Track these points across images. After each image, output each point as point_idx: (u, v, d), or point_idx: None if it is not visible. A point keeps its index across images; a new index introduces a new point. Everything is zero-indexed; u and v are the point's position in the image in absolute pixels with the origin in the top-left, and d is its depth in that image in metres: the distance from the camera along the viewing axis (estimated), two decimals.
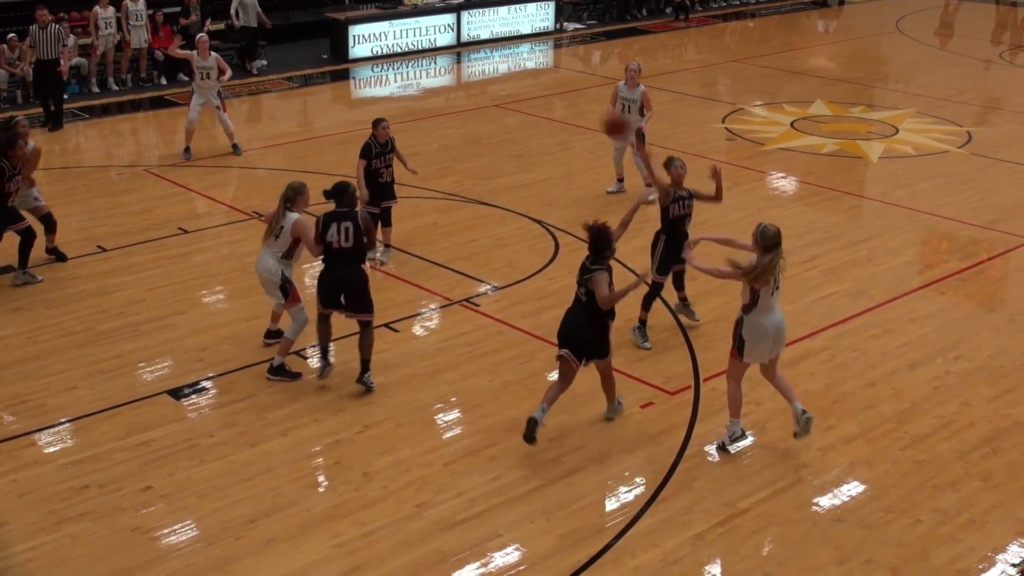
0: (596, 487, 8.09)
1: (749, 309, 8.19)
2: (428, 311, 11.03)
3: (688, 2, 27.97)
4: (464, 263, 12.06)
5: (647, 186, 14.10)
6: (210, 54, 15.61)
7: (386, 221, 12.08)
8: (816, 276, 11.78)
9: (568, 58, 23.96)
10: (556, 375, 8.70)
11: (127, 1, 19.50)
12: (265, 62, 21.92)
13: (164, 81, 20.60)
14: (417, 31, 23.51)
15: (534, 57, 24.35)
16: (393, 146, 11.97)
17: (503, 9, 24.80)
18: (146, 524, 7.62)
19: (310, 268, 11.34)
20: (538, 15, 25.54)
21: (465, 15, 24.18)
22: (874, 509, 7.85)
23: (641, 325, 10.21)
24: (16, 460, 8.37)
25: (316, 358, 9.67)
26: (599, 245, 8.35)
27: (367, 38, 22.80)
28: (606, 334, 8.48)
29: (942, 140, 16.97)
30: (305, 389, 9.43)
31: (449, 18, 23.99)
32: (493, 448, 8.54)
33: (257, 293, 10.80)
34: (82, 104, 18.91)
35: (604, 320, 8.43)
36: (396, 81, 21.85)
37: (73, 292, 11.34)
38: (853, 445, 8.64)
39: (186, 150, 15.90)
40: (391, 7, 23.47)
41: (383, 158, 11.86)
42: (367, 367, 9.30)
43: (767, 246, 8.01)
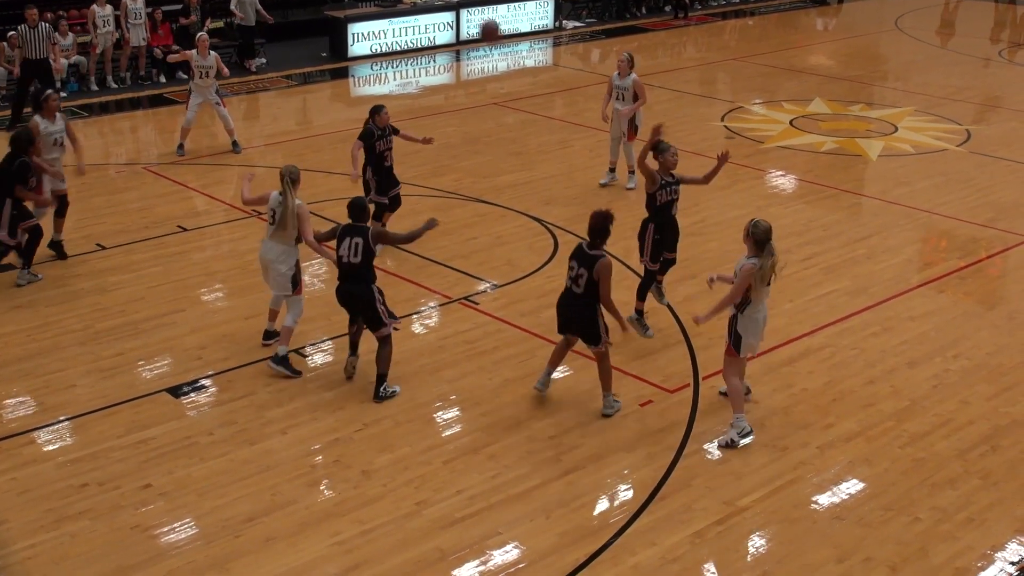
0: (595, 485, 8.09)
1: (744, 306, 8.41)
2: (427, 309, 11.03)
3: (687, 0, 27.97)
4: (463, 261, 12.06)
5: (630, 173, 14.23)
6: (209, 53, 15.61)
7: (397, 205, 12.33)
8: (815, 274, 11.79)
9: (567, 56, 23.96)
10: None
11: None
12: (264, 60, 21.91)
13: (163, 79, 20.59)
14: (416, 29, 23.50)
15: (533, 55, 24.34)
16: (394, 130, 12.18)
17: (502, 7, 24.78)
18: (145, 522, 7.62)
19: (309, 266, 11.36)
20: (537, 13, 25.53)
21: (464, 13, 24.17)
22: (873, 507, 7.85)
23: (639, 315, 10.21)
24: (15, 458, 8.38)
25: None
26: (602, 232, 8.57)
27: (366, 36, 22.80)
28: (600, 319, 8.72)
29: (941, 138, 16.97)
30: (304, 387, 9.44)
31: (448, 16, 23.99)
32: (492, 446, 8.55)
33: (256, 291, 10.82)
34: (81, 102, 18.90)
35: (597, 304, 8.70)
36: (395, 79, 21.84)
37: (73, 290, 11.34)
38: (852, 443, 8.64)
39: (179, 147, 15.94)
40: (390, 5, 23.46)
41: (385, 140, 12.06)
42: (382, 380, 9.19)
43: (758, 241, 8.25)
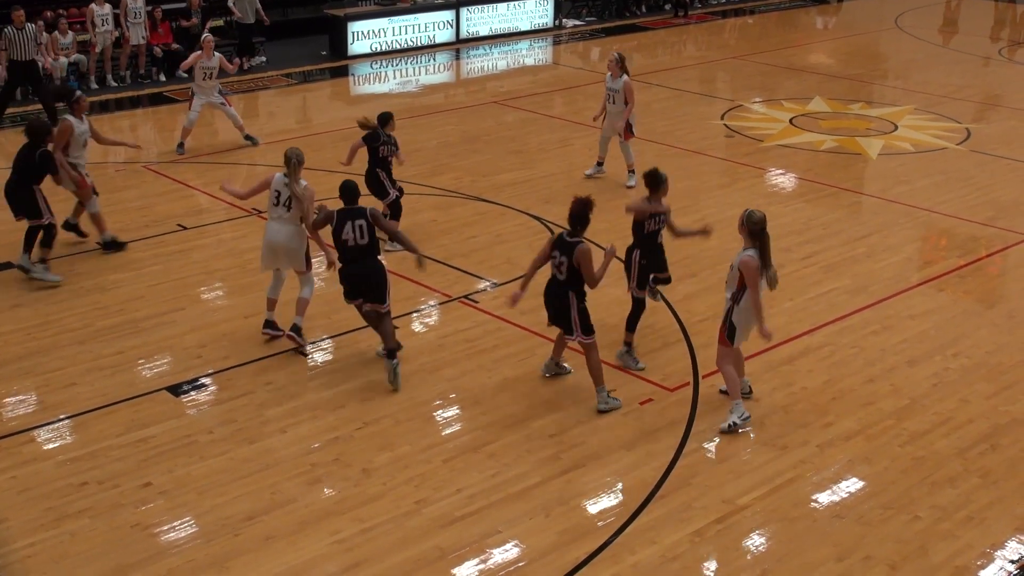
0: (595, 484, 8.09)
1: (739, 297, 8.47)
2: (427, 308, 11.03)
3: None
4: (463, 260, 12.06)
5: (631, 172, 14.23)
6: (214, 54, 15.66)
7: (399, 213, 12.34)
8: (815, 272, 11.79)
9: (567, 55, 23.95)
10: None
11: None
12: (264, 59, 21.91)
13: (163, 78, 20.60)
14: (416, 28, 23.50)
15: (533, 54, 24.34)
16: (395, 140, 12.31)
17: (502, 6, 24.79)
18: (145, 520, 7.62)
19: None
20: (537, 12, 25.53)
21: (464, 12, 24.17)
22: (873, 506, 7.85)
23: (628, 348, 9.77)
24: (15, 457, 8.38)
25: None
26: (581, 218, 8.78)
27: (366, 35, 22.79)
28: (576, 312, 8.78)
29: (941, 137, 16.96)
30: (304, 386, 9.44)
31: (448, 15, 23.98)
32: (492, 445, 8.55)
33: (256, 290, 10.82)
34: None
35: (582, 294, 8.78)
36: (395, 78, 21.84)
37: (72, 288, 11.34)
38: (852, 442, 8.64)
39: (179, 146, 15.97)
40: (390, 3, 23.46)
41: (388, 147, 12.15)
42: (392, 354, 9.36)
43: (753, 230, 8.33)
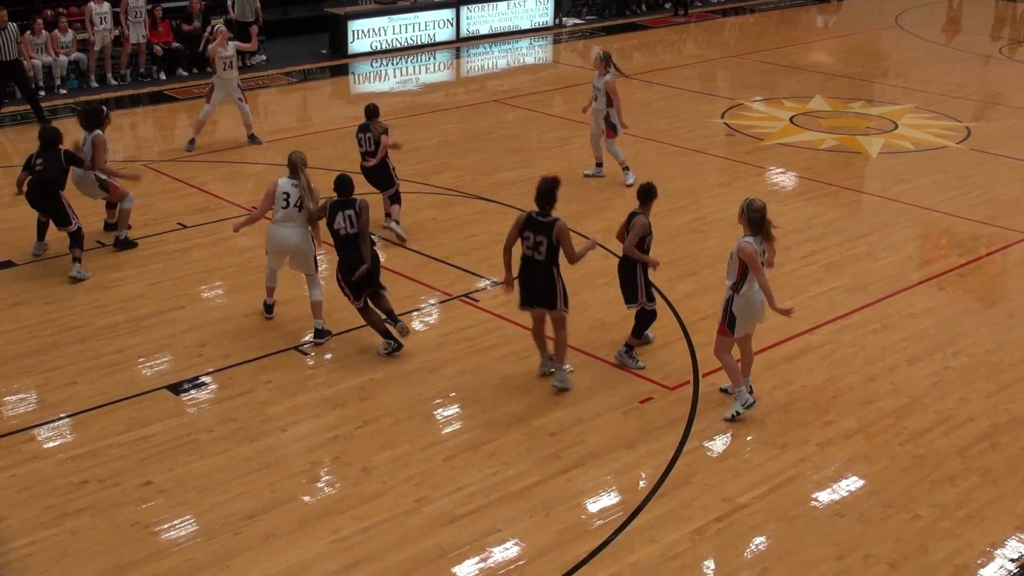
0: (595, 482, 8.09)
1: (739, 287, 8.51)
2: (427, 306, 11.04)
3: None
4: (463, 258, 12.06)
5: (625, 170, 14.37)
6: (228, 43, 15.78)
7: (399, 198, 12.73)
8: (815, 271, 11.79)
9: (567, 53, 23.94)
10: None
11: None
12: (264, 57, 21.90)
13: (163, 76, 20.59)
14: (416, 26, 23.48)
15: (533, 52, 24.33)
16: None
17: (502, 4, 24.78)
18: (145, 519, 7.62)
19: None
20: (537, 10, 25.51)
21: (464, 10, 24.16)
22: (873, 504, 7.86)
23: (629, 349, 9.75)
24: (16, 455, 8.38)
25: (383, 345, 9.97)
26: (550, 197, 9.04)
27: (366, 33, 22.79)
28: (559, 285, 9.13)
29: (941, 135, 16.95)
30: (304, 385, 9.45)
31: (448, 13, 23.98)
32: (492, 443, 8.55)
33: (257, 288, 10.83)
34: (81, 99, 18.86)
35: (556, 270, 9.11)
36: (395, 76, 21.84)
37: (72, 287, 11.34)
38: (852, 440, 8.64)
39: (191, 142, 16.03)
40: (390, 2, 23.45)
41: (364, 137, 12.50)
42: (395, 317, 9.90)
43: (753, 218, 8.40)
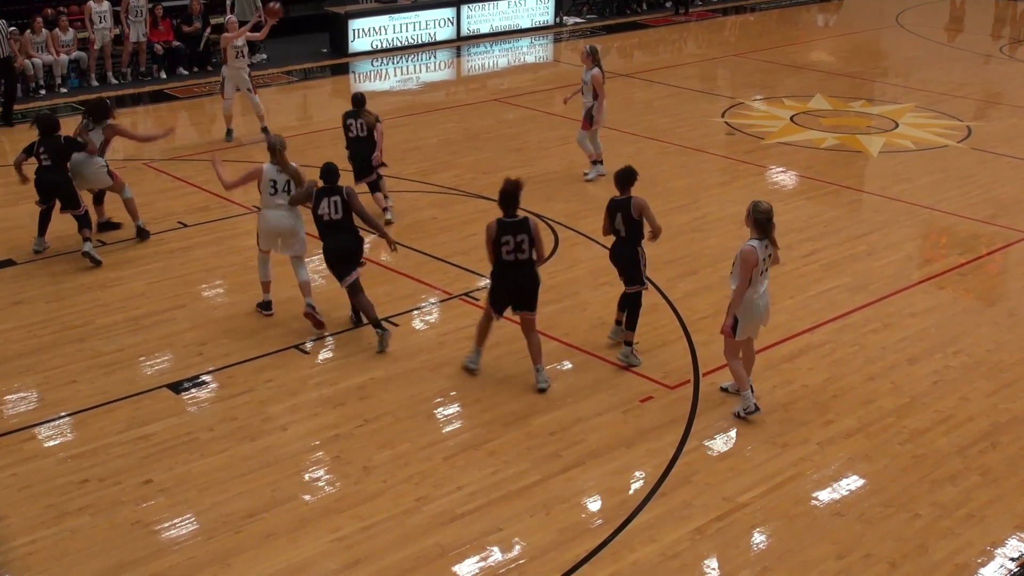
0: (595, 481, 8.10)
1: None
2: (427, 305, 11.04)
3: None
4: (463, 257, 12.05)
5: (593, 163, 14.48)
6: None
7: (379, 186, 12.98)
8: (816, 270, 11.78)
9: (568, 52, 23.92)
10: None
11: None
12: (265, 56, 21.90)
13: (164, 75, 20.60)
14: (417, 25, 23.49)
15: (534, 51, 24.33)
16: None
17: (503, 3, 24.79)
18: (146, 518, 7.63)
19: (310, 262, 11.33)
20: (538, 9, 25.52)
21: (465, 9, 24.16)
22: (873, 503, 7.86)
23: (631, 346, 9.70)
24: (16, 454, 8.39)
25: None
26: (517, 199, 8.98)
27: (367, 32, 22.79)
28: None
29: (942, 135, 16.95)
30: (305, 384, 9.45)
31: (449, 12, 23.98)
32: (493, 442, 8.55)
33: (257, 287, 10.83)
34: (81, 98, 18.85)
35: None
36: (396, 75, 21.84)
37: (73, 286, 11.35)
38: (852, 440, 8.64)
39: (228, 132, 16.46)
40: (391, 1, 23.45)
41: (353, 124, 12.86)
42: (378, 323, 9.98)
43: (759, 220, 8.42)
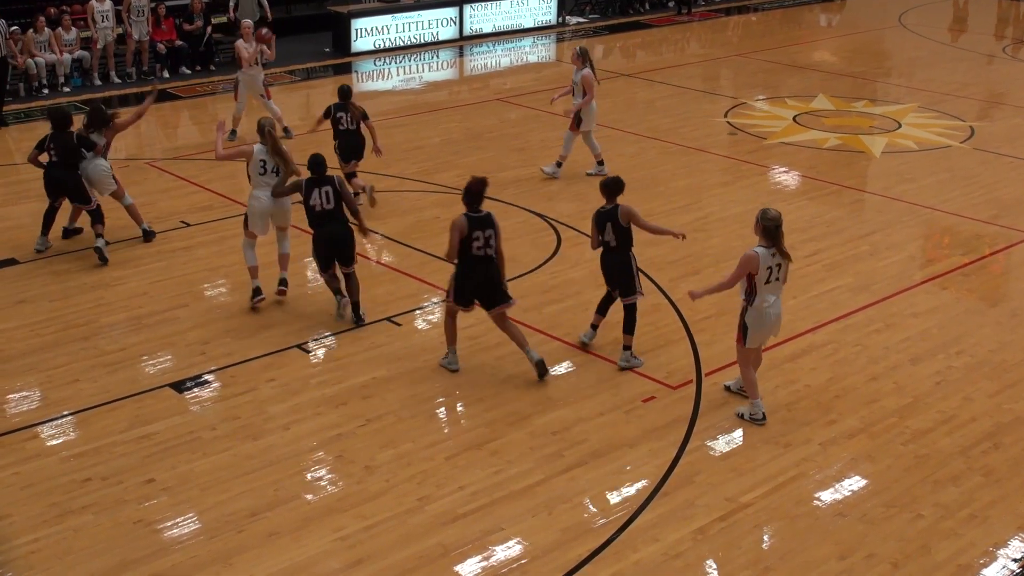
0: (598, 481, 8.09)
1: (751, 298, 8.52)
2: (430, 305, 11.03)
3: None
4: None
5: (558, 164, 14.71)
6: (253, 38, 15.95)
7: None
8: (818, 271, 11.78)
9: (571, 52, 23.87)
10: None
11: None
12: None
13: (167, 75, 20.61)
14: (420, 25, 23.50)
15: (537, 51, 24.33)
16: None
17: (505, 3, 24.80)
18: (148, 517, 7.63)
19: (311, 262, 11.34)
20: (540, 9, 25.52)
21: (468, 9, 24.17)
22: (875, 504, 7.85)
23: (628, 349, 9.71)
24: (19, 453, 8.40)
25: (337, 306, 10.60)
26: (482, 196, 9.29)
27: (369, 31, 22.80)
28: None
29: (944, 135, 16.94)
30: (307, 383, 9.45)
31: (452, 12, 23.98)
32: (495, 442, 8.55)
33: (263, 284, 10.83)
34: (84, 97, 18.89)
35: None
36: (398, 75, 21.84)
37: (76, 285, 11.36)
38: (855, 440, 8.64)
39: (232, 132, 16.40)
40: (394, 1, 23.45)
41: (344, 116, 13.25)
42: (359, 307, 10.41)
43: (768, 227, 8.47)
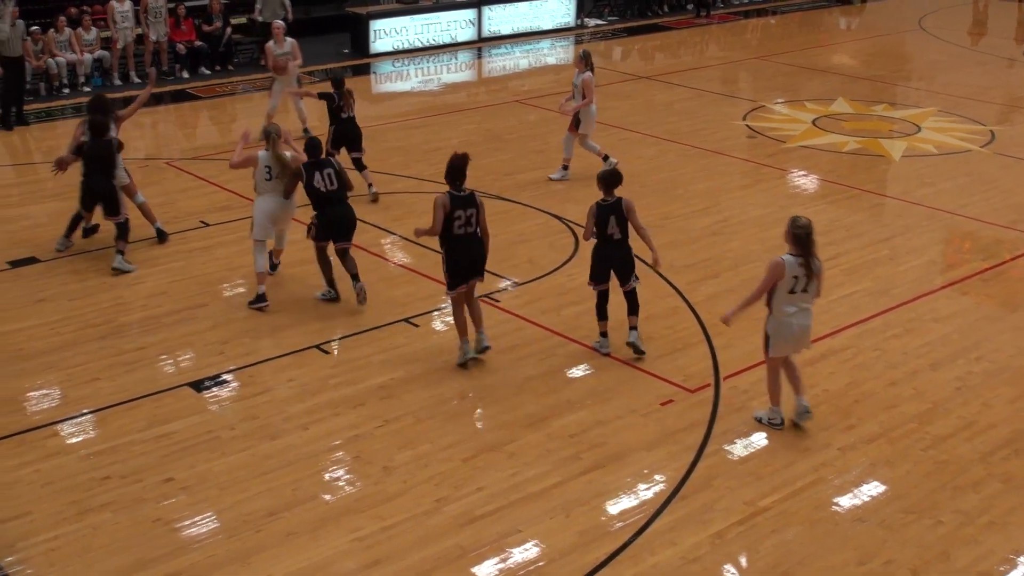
0: (615, 484, 8.08)
1: (771, 307, 8.48)
2: (448, 306, 11.01)
3: None
4: None
5: (563, 168, 14.67)
6: (285, 40, 16.05)
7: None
8: (837, 275, 11.72)
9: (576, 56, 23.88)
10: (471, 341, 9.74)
11: None
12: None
13: (186, 75, 20.70)
14: (438, 26, 23.52)
15: (555, 53, 24.32)
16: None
17: (524, 5, 24.81)
18: (167, 515, 7.66)
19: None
20: (559, 11, 25.52)
21: (486, 10, 24.18)
22: (895, 510, 7.82)
23: (606, 336, 9.85)
24: (39, 450, 8.44)
25: (324, 292, 10.95)
26: (464, 172, 9.39)
27: (388, 33, 22.84)
28: None
29: (965, 139, 16.87)
30: (326, 383, 9.46)
31: (470, 13, 24.00)
32: (513, 444, 8.55)
33: (277, 287, 10.89)
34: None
35: None
36: (417, 76, 21.87)
37: (95, 284, 11.41)
38: (874, 445, 8.60)
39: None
40: (412, 2, 23.49)
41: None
42: (358, 277, 10.72)
43: (798, 235, 8.42)
